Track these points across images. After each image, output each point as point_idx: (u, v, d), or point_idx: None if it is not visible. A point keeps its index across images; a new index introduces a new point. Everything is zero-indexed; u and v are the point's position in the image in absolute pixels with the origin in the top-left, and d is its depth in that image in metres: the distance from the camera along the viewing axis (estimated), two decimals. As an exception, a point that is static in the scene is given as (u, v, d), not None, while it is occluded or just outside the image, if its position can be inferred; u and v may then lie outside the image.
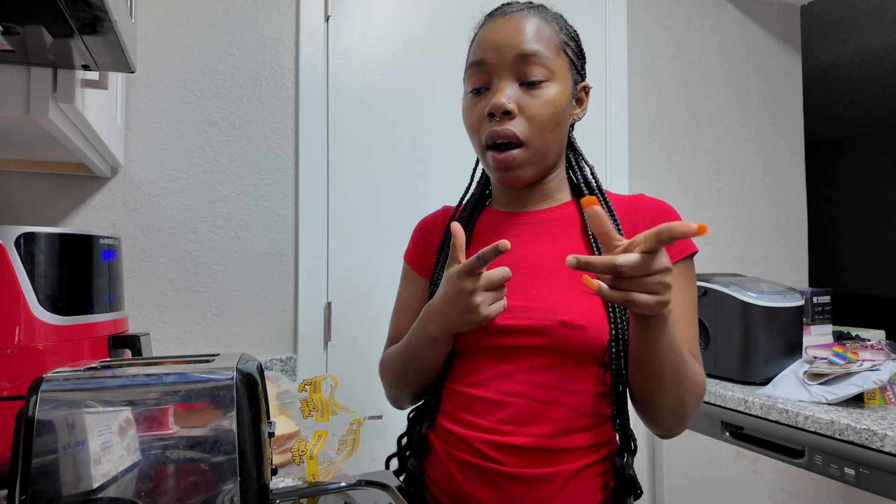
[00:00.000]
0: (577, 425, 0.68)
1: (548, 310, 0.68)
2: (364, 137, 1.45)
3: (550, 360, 0.68)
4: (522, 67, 0.69)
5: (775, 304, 1.39)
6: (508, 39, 0.69)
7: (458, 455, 0.71)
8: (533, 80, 0.69)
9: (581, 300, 0.68)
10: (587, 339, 0.67)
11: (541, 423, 0.67)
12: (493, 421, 0.69)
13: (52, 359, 0.80)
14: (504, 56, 0.69)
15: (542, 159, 0.72)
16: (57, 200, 1.20)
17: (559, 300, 0.69)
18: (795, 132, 2.10)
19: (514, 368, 0.69)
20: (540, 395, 0.68)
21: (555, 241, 0.74)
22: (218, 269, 1.32)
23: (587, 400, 0.69)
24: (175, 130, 1.29)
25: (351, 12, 1.44)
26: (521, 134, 0.69)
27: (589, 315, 0.67)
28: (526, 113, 0.69)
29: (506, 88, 0.69)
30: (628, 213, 0.75)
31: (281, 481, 0.86)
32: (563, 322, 0.67)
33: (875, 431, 1.04)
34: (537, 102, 0.69)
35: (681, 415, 0.66)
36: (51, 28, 0.61)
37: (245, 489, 0.56)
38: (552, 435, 0.67)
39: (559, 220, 0.76)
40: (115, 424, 0.54)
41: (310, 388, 0.93)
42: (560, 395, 0.68)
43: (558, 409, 0.68)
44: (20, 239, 0.79)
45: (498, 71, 0.70)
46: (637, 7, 1.82)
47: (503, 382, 0.69)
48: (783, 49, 2.08)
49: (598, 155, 1.73)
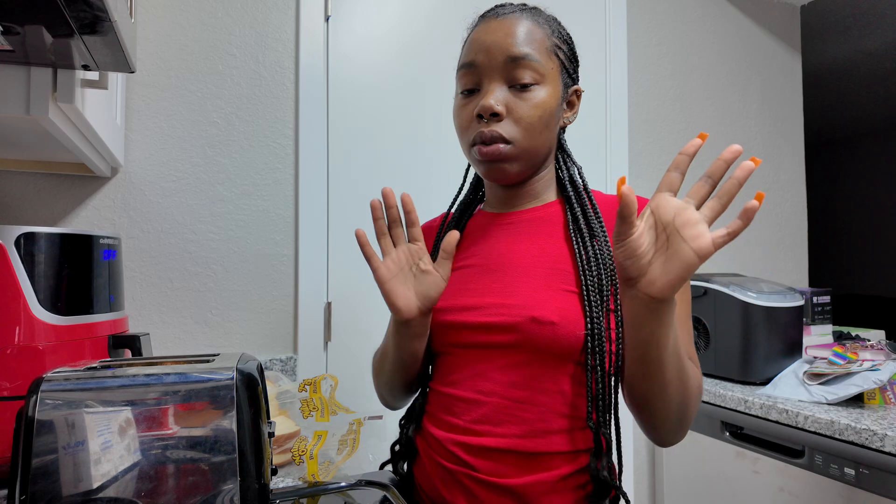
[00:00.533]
0: (551, 427, 0.67)
1: (520, 306, 0.68)
2: (364, 137, 1.45)
3: (522, 357, 0.68)
4: (512, 70, 0.69)
5: (775, 304, 1.39)
6: (499, 42, 0.70)
7: (438, 460, 0.71)
8: (522, 83, 0.69)
9: (554, 297, 0.68)
10: (558, 336, 0.66)
11: (513, 423, 0.67)
12: (467, 420, 0.69)
13: (52, 359, 0.80)
14: (494, 58, 0.70)
15: (528, 159, 0.72)
16: (57, 200, 1.20)
17: (532, 297, 0.68)
18: (795, 132, 2.10)
19: (488, 367, 0.69)
20: (512, 394, 0.67)
21: (535, 239, 0.74)
22: (218, 269, 1.32)
23: (561, 400, 0.67)
24: (175, 130, 1.29)
25: (351, 12, 1.44)
26: (508, 136, 0.69)
27: (561, 312, 0.66)
28: (514, 115, 0.70)
29: (495, 91, 0.70)
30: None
31: (281, 481, 0.86)
32: (533, 318, 0.66)
33: (875, 431, 1.04)
34: (526, 105, 0.69)
35: (684, 416, 0.65)
36: (51, 28, 0.61)
37: (245, 489, 0.56)
38: (525, 435, 0.66)
39: (542, 219, 0.76)
40: (115, 424, 0.54)
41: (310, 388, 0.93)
42: (532, 394, 0.67)
43: (531, 409, 0.67)
44: (20, 239, 0.79)
45: (488, 73, 0.71)
46: (637, 7, 1.82)
47: (478, 381, 0.69)
48: (783, 49, 2.08)
49: (598, 155, 1.73)
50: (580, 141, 1.69)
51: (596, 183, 1.70)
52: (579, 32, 1.71)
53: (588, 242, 0.70)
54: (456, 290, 0.74)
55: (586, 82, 1.72)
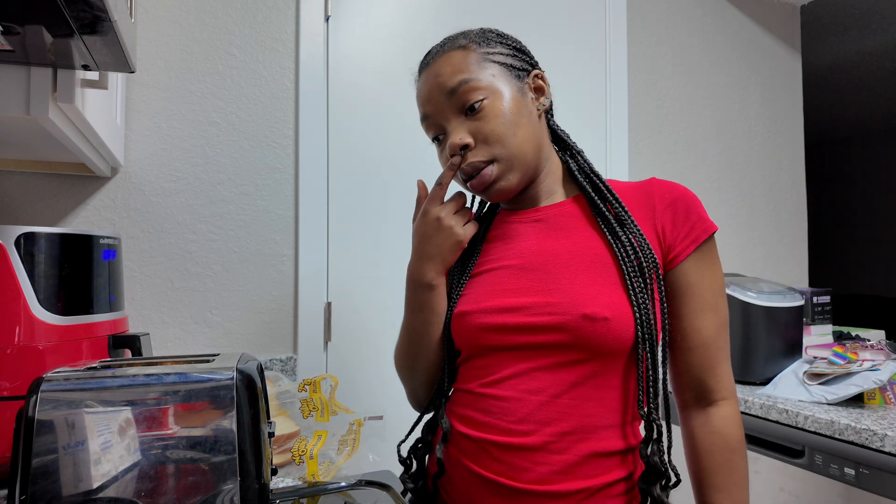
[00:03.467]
0: (602, 422, 0.66)
1: (568, 303, 0.66)
2: (364, 137, 1.45)
3: (573, 355, 0.66)
4: (457, 101, 0.70)
5: (775, 304, 1.39)
6: (434, 87, 0.71)
7: (473, 468, 0.68)
8: (471, 105, 0.70)
9: (603, 291, 0.66)
10: (612, 332, 0.64)
11: (563, 421, 0.65)
12: (510, 421, 0.66)
13: (52, 359, 0.80)
14: (437, 102, 0.71)
15: (521, 163, 0.71)
16: (57, 200, 1.20)
17: (580, 292, 0.67)
18: (795, 132, 2.10)
19: (534, 366, 0.67)
20: (563, 393, 0.65)
21: (567, 234, 0.73)
22: (218, 269, 1.32)
23: (614, 395, 0.66)
24: (175, 130, 1.29)
25: (351, 12, 1.44)
26: (486, 157, 0.70)
27: (612, 306, 0.65)
28: (480, 136, 0.70)
29: (454, 127, 0.71)
30: (642, 197, 0.73)
31: (281, 481, 0.86)
32: (584, 315, 0.65)
33: (875, 431, 1.04)
34: (485, 122, 0.69)
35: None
36: (51, 28, 0.61)
37: (245, 489, 0.56)
38: (575, 432, 0.65)
39: (569, 214, 0.75)
40: (115, 424, 0.54)
41: (309, 388, 0.93)
42: (586, 390, 0.66)
43: (583, 406, 0.65)
44: (20, 239, 0.79)
45: (440, 116, 0.72)
46: (637, 7, 1.82)
47: (523, 381, 0.67)
48: (783, 49, 2.08)
49: (598, 155, 1.73)
50: (580, 140, 1.69)
51: (596, 183, 1.70)
52: (579, 32, 1.71)
53: (620, 231, 0.69)
54: (493, 292, 0.72)
55: (586, 82, 1.72)
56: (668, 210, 0.70)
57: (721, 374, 0.71)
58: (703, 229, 0.70)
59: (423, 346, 0.76)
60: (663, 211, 0.71)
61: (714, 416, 0.71)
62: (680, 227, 0.70)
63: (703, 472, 0.70)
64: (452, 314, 0.74)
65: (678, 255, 0.69)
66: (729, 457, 0.69)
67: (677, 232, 0.70)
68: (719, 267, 0.72)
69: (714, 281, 0.71)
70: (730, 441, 0.70)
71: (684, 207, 0.70)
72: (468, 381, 0.72)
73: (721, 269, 0.73)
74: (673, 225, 0.70)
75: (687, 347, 0.71)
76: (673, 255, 0.70)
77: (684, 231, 0.69)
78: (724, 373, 0.71)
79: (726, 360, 0.72)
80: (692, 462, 0.72)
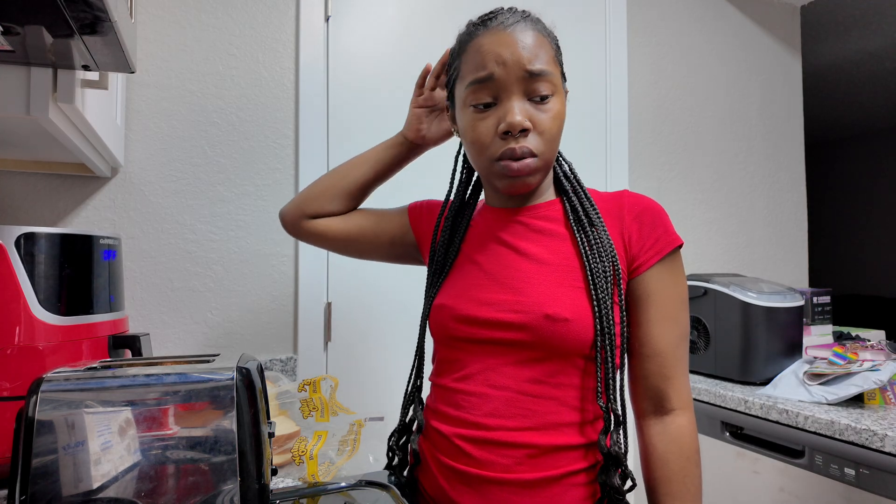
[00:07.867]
0: (563, 420, 0.69)
1: (532, 303, 0.69)
2: (364, 137, 1.45)
3: (535, 353, 0.69)
4: (531, 84, 0.70)
5: (775, 304, 1.39)
6: (515, 56, 0.69)
7: (444, 460, 0.72)
8: (542, 95, 0.70)
9: (568, 293, 0.70)
10: (571, 333, 0.68)
11: (526, 416, 0.68)
12: (478, 415, 0.70)
13: (52, 359, 0.80)
14: (513, 72, 0.69)
15: (548, 168, 0.74)
16: (57, 200, 1.20)
17: (545, 293, 0.70)
18: (795, 132, 2.10)
19: (500, 362, 0.71)
20: (525, 389, 0.69)
21: (543, 237, 0.76)
22: (218, 269, 1.32)
23: (572, 393, 0.70)
24: (175, 130, 1.29)
25: (351, 12, 1.44)
26: (535, 149, 0.70)
27: (573, 308, 0.68)
28: (538, 128, 0.70)
29: (516, 105, 0.69)
30: (614, 208, 0.76)
31: (281, 481, 0.86)
32: (546, 315, 0.68)
33: (875, 431, 1.04)
34: (547, 117, 0.70)
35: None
36: (51, 28, 0.61)
37: (245, 489, 0.56)
38: (538, 428, 0.68)
39: (548, 217, 0.77)
40: (115, 424, 0.54)
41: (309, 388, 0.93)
42: (545, 388, 0.69)
43: (543, 403, 0.69)
44: (20, 239, 0.79)
45: (506, 87, 0.70)
46: (637, 7, 1.82)
47: (490, 376, 0.71)
48: (783, 49, 2.08)
49: (598, 155, 1.72)
50: (580, 141, 1.69)
51: (596, 182, 1.70)
52: (579, 32, 1.71)
53: (588, 231, 0.72)
54: (469, 286, 0.75)
55: (586, 82, 1.72)
56: (636, 221, 0.73)
57: (678, 384, 0.73)
58: (667, 241, 0.73)
59: (354, 175, 0.93)
60: (631, 222, 0.73)
61: (671, 425, 0.72)
62: (646, 237, 0.73)
63: (658, 481, 0.71)
64: (432, 305, 0.78)
65: (642, 264, 0.72)
66: (684, 465, 0.71)
67: (643, 242, 0.73)
68: (683, 280, 0.74)
69: (676, 293, 0.73)
70: (685, 450, 0.71)
71: (650, 220, 0.73)
72: (442, 375, 0.77)
73: (685, 283, 0.75)
74: (639, 235, 0.73)
75: (646, 354, 0.73)
76: (637, 263, 0.73)
77: (650, 242, 0.72)
78: (681, 384, 0.73)
79: (684, 372, 0.74)
80: (648, 470, 0.73)
